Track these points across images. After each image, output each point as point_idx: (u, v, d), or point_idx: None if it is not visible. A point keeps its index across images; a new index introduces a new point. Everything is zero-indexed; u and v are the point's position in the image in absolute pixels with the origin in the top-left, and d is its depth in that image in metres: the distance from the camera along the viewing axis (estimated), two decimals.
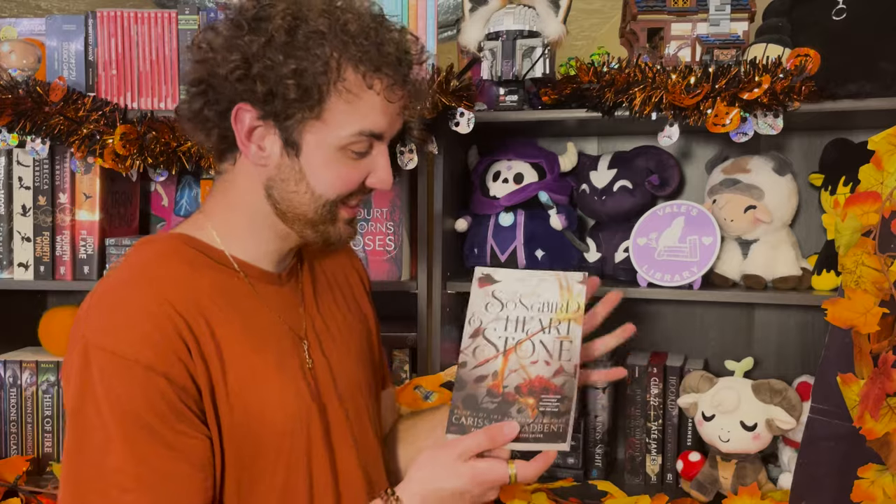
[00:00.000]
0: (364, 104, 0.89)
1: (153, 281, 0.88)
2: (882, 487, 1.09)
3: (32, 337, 1.68)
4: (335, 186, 0.91)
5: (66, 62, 1.58)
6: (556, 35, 1.44)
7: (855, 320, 1.10)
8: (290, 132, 0.88)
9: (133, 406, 0.82)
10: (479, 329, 0.95)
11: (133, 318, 0.84)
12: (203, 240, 0.95)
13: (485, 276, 0.99)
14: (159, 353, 0.83)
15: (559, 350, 0.94)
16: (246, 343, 0.92)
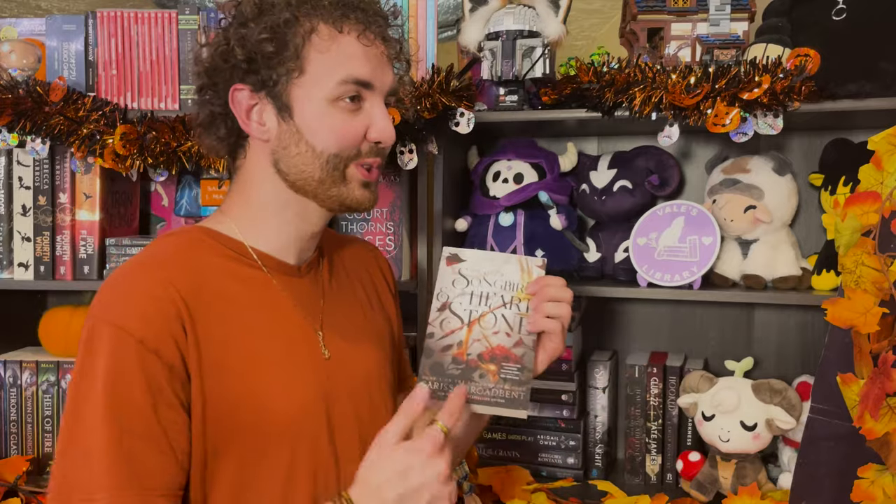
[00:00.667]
0: (341, 50, 0.92)
1: (162, 265, 0.92)
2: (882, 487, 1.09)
3: (32, 337, 1.68)
4: (333, 139, 0.93)
5: (66, 62, 1.58)
6: (556, 35, 1.44)
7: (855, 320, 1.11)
8: (280, 97, 0.93)
9: (123, 376, 0.85)
10: (446, 303, 1.03)
11: (135, 296, 0.88)
12: (223, 232, 0.99)
13: (452, 256, 1.06)
14: (153, 331, 0.86)
15: (519, 324, 1.02)
16: (256, 331, 0.94)
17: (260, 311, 0.96)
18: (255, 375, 0.93)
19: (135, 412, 0.85)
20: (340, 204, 0.97)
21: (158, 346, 0.86)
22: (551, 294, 1.01)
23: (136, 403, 0.85)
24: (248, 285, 0.97)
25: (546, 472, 1.60)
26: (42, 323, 1.67)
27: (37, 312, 1.70)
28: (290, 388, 0.95)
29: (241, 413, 0.91)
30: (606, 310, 1.76)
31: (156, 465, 0.86)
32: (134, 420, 0.85)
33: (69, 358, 1.63)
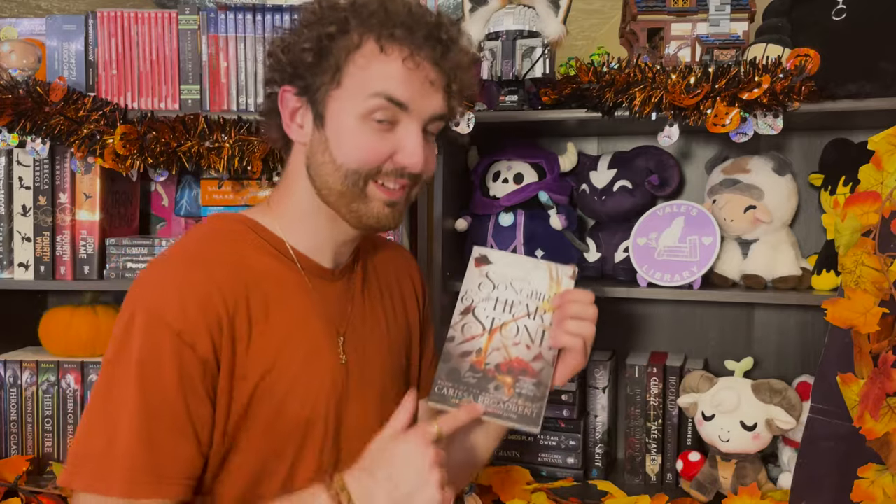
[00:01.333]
0: (380, 69, 0.91)
1: (206, 259, 0.94)
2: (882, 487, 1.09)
3: (32, 337, 1.68)
4: (354, 156, 0.93)
5: (66, 62, 1.58)
6: (556, 35, 1.44)
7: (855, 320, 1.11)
8: (318, 105, 0.94)
9: (158, 365, 0.87)
10: (470, 307, 1.02)
11: (178, 288, 0.90)
12: (267, 227, 1.00)
13: (481, 257, 1.04)
14: (191, 325, 0.88)
15: (541, 337, 1.00)
16: (284, 331, 0.95)
17: (291, 312, 0.97)
18: (274, 372, 0.94)
19: (165, 401, 0.87)
20: (359, 220, 0.97)
21: (195, 339, 0.88)
22: (575, 311, 0.99)
23: (167, 392, 0.87)
24: (285, 285, 0.98)
25: (546, 472, 1.60)
26: (42, 323, 1.67)
27: (37, 312, 1.70)
28: (308, 390, 0.96)
29: (258, 407, 0.93)
30: (606, 310, 1.74)
31: (177, 455, 0.87)
32: (163, 408, 0.86)
33: (69, 358, 1.63)
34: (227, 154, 1.45)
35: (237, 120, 1.47)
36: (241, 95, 1.58)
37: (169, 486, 0.87)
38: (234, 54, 1.57)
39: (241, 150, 1.46)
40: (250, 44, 1.57)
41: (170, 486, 0.87)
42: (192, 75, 1.58)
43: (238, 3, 1.56)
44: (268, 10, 1.57)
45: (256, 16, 1.57)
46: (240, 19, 1.57)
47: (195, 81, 1.58)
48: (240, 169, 1.46)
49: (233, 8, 1.56)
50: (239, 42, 1.57)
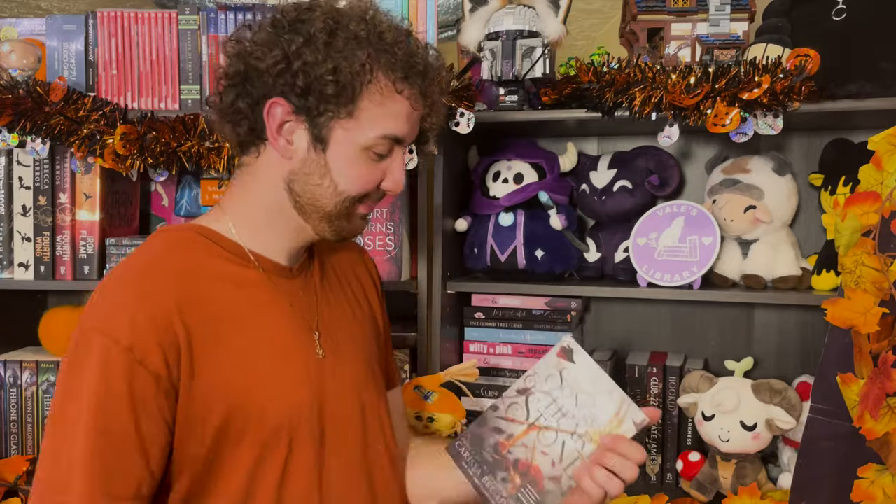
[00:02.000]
0: (392, 108, 0.94)
1: (153, 270, 0.93)
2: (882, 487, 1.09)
3: (32, 337, 1.68)
4: (357, 184, 0.95)
5: (66, 62, 1.58)
6: (556, 35, 1.44)
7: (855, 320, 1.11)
8: (320, 128, 0.93)
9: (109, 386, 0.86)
10: (528, 390, 0.98)
11: (125, 303, 0.88)
12: (220, 231, 0.99)
13: (566, 350, 0.98)
14: (141, 340, 0.86)
15: (570, 462, 0.95)
16: (251, 332, 0.95)
17: (255, 312, 0.97)
18: (250, 375, 0.93)
19: (116, 422, 0.86)
20: (338, 234, 1.00)
21: (145, 355, 0.86)
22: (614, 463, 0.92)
23: (119, 414, 0.86)
24: (243, 286, 0.97)
25: None
26: (42, 323, 1.67)
27: (37, 312, 1.70)
28: (285, 387, 0.96)
29: (236, 415, 0.92)
30: (606, 310, 1.76)
31: (129, 475, 0.87)
32: (114, 430, 0.86)
33: None
34: (227, 154, 1.45)
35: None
36: None
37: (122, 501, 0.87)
38: None
39: None
40: None
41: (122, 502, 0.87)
42: (192, 75, 1.58)
43: (238, 3, 1.56)
44: (268, 10, 1.56)
45: (256, 16, 1.57)
46: (240, 19, 1.57)
47: (195, 81, 1.58)
48: None
49: (233, 8, 1.56)
50: None
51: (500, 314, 1.65)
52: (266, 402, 0.94)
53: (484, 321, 1.66)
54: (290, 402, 0.96)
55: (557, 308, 1.62)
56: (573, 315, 1.61)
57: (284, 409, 0.95)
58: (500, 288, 1.60)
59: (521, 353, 1.64)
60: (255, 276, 0.98)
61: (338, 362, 1.03)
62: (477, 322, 1.67)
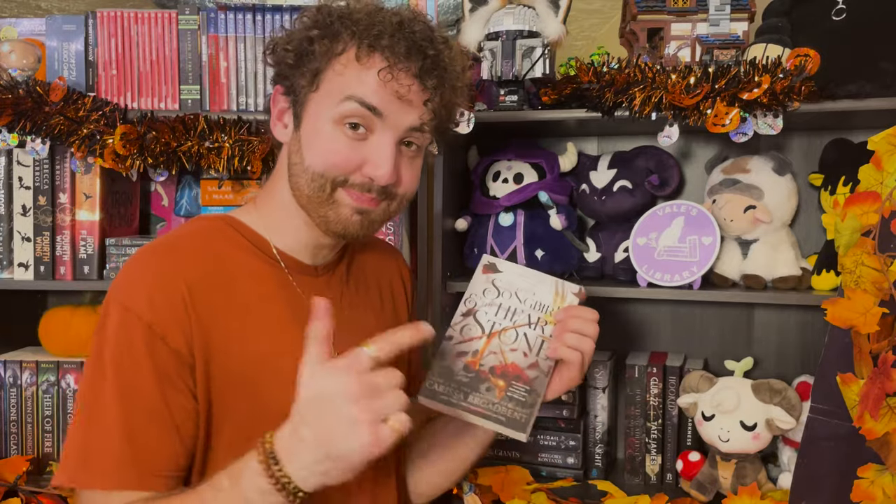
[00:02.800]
0: (356, 75, 0.92)
1: (174, 251, 0.95)
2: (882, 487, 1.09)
3: (32, 337, 1.68)
4: (321, 159, 0.93)
5: (66, 62, 1.58)
6: (556, 35, 1.44)
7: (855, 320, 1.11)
8: (298, 106, 0.95)
9: (132, 358, 0.88)
10: (472, 310, 1.02)
11: (145, 281, 0.91)
12: (248, 225, 1.01)
13: (490, 265, 1.05)
14: (160, 317, 0.88)
15: (539, 347, 1.00)
16: (264, 325, 0.96)
17: (271, 306, 0.97)
18: (256, 366, 0.94)
19: (142, 393, 0.87)
20: (327, 226, 0.96)
21: (165, 332, 0.88)
22: (576, 326, 0.99)
23: (143, 385, 0.87)
24: (262, 280, 0.98)
25: (546, 472, 1.60)
26: (42, 323, 1.67)
27: (37, 312, 1.70)
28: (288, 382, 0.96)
29: (237, 400, 0.93)
30: (606, 310, 1.75)
31: (159, 447, 0.88)
32: (141, 401, 0.87)
33: (69, 358, 1.63)
34: (227, 154, 1.45)
35: (237, 120, 1.47)
36: (240, 95, 1.58)
37: (153, 478, 0.87)
38: (233, 54, 1.57)
39: (241, 150, 1.46)
40: (250, 44, 1.57)
41: (154, 478, 0.87)
42: (192, 75, 1.58)
43: (238, 3, 1.56)
44: (268, 10, 1.57)
45: (256, 16, 1.57)
46: (240, 19, 1.57)
47: (195, 81, 1.58)
48: (240, 169, 1.46)
49: (233, 8, 1.56)
50: (239, 42, 1.57)
51: None
52: (267, 393, 0.94)
53: None
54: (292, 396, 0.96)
55: None
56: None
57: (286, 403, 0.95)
58: None
59: None
60: (275, 272, 0.99)
61: None
62: None
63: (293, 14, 1.55)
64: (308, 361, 0.80)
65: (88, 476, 0.87)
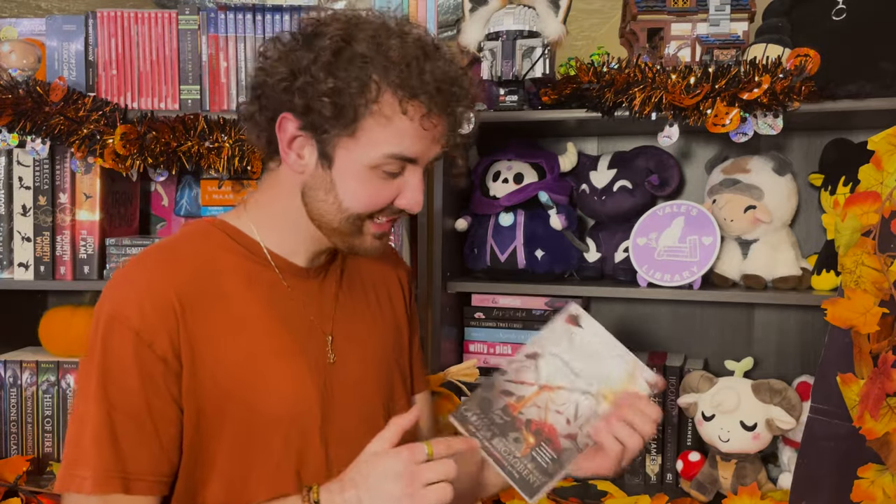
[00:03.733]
0: (397, 128, 0.90)
1: (164, 257, 0.96)
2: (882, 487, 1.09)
3: (32, 337, 1.68)
4: (361, 202, 0.94)
5: (66, 62, 1.58)
6: (556, 35, 1.44)
7: (855, 320, 1.11)
8: (325, 145, 0.92)
9: (119, 364, 0.89)
10: (536, 354, 0.97)
11: (134, 288, 0.92)
12: (240, 228, 1.00)
13: (574, 317, 0.99)
14: (148, 324, 0.89)
15: (586, 419, 0.94)
16: (256, 327, 0.96)
17: (263, 309, 0.97)
18: (248, 370, 0.94)
19: (127, 400, 0.89)
20: (350, 249, 0.99)
21: (153, 339, 0.89)
22: (633, 418, 0.93)
23: (128, 391, 0.89)
24: (254, 282, 0.98)
25: None
26: (42, 323, 1.67)
27: (37, 312, 1.70)
28: (283, 385, 0.96)
29: (230, 405, 0.93)
30: (606, 310, 1.76)
31: (141, 452, 0.89)
32: (125, 407, 0.89)
33: (69, 358, 1.63)
34: (227, 154, 1.45)
35: (237, 120, 1.47)
36: (240, 95, 1.58)
37: (137, 482, 0.89)
38: (233, 54, 1.57)
39: (241, 150, 1.46)
40: (250, 44, 1.57)
41: (138, 482, 0.89)
42: (192, 75, 1.58)
43: (238, 3, 1.56)
44: (268, 10, 1.57)
45: (256, 16, 1.57)
46: (240, 19, 1.57)
47: (195, 81, 1.58)
48: (239, 169, 1.46)
49: (233, 8, 1.56)
50: (239, 42, 1.57)
51: (500, 314, 1.65)
52: (261, 397, 0.94)
53: (484, 321, 1.66)
54: (287, 399, 0.96)
55: (557, 308, 1.59)
56: None
57: (281, 406, 0.95)
58: (500, 288, 1.60)
59: None
60: (268, 274, 0.99)
61: (349, 369, 1.03)
62: (477, 322, 1.67)
63: (293, 14, 1.55)
64: (380, 439, 0.89)
65: (72, 481, 0.89)
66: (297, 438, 0.97)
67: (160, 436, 0.90)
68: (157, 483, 0.91)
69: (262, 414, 0.94)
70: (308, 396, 0.98)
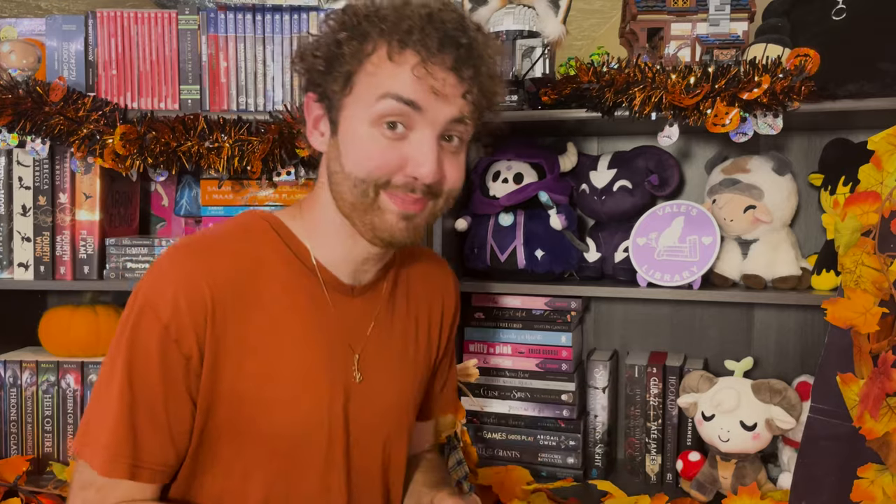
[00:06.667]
0: (389, 73, 0.88)
1: (208, 251, 0.94)
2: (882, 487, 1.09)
3: (32, 337, 1.68)
4: (362, 164, 0.90)
5: (66, 62, 1.58)
6: (556, 35, 1.44)
7: (855, 320, 1.11)
8: (333, 112, 0.92)
9: (145, 353, 0.89)
10: None
11: (173, 280, 0.90)
12: (293, 231, 0.99)
13: None
14: (178, 320, 0.89)
15: None
16: (285, 339, 0.94)
17: (297, 320, 0.95)
18: (269, 380, 0.93)
19: (147, 390, 0.89)
20: (373, 233, 0.93)
21: (180, 335, 0.89)
22: None
23: (150, 382, 0.89)
24: (295, 291, 0.96)
25: (546, 472, 1.60)
26: (42, 323, 1.66)
27: (37, 312, 1.70)
28: (301, 400, 0.95)
29: (242, 414, 0.93)
30: (606, 310, 1.76)
31: (153, 443, 0.90)
32: (145, 397, 0.89)
33: (69, 358, 1.63)
34: (227, 154, 1.45)
35: (237, 120, 1.47)
36: (240, 95, 1.58)
37: (143, 470, 0.90)
38: (233, 54, 1.57)
39: (241, 150, 1.45)
40: (250, 44, 1.57)
41: (144, 470, 0.90)
42: (191, 75, 1.58)
43: (238, 3, 1.56)
44: (267, 10, 1.57)
45: (256, 16, 1.57)
46: (240, 19, 1.57)
47: (195, 81, 1.58)
48: (239, 169, 1.46)
49: (233, 8, 1.56)
50: (239, 42, 1.57)
51: (500, 314, 1.65)
52: (272, 412, 0.93)
53: (484, 321, 1.66)
54: (302, 415, 0.95)
55: (557, 308, 1.62)
56: (573, 315, 1.61)
57: (290, 425, 0.95)
58: (500, 288, 1.60)
59: (521, 353, 1.64)
60: (310, 284, 0.97)
61: (376, 389, 1.02)
62: (477, 322, 1.67)
63: (293, 14, 1.55)
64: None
65: (83, 449, 0.90)
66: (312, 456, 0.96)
67: (171, 428, 0.91)
68: (161, 472, 0.92)
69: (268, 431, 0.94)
70: (318, 420, 0.96)
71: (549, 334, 1.62)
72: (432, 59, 0.87)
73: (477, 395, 1.63)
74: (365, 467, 1.00)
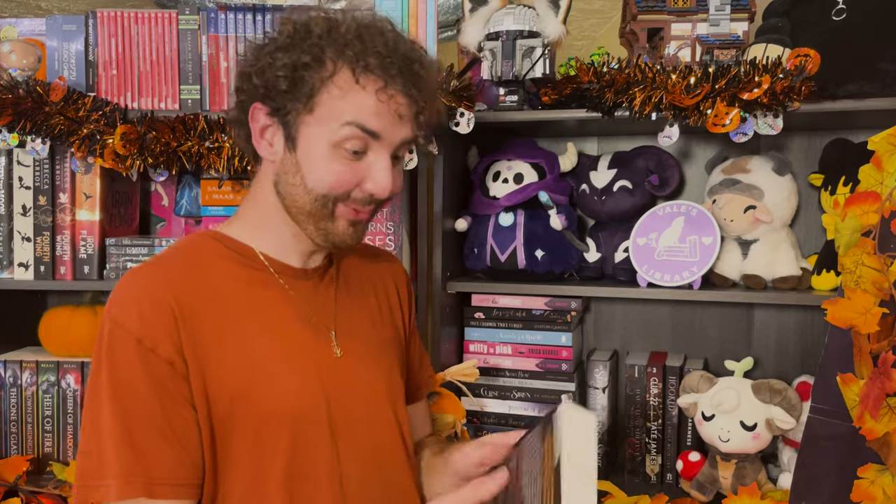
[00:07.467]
0: (353, 100, 0.92)
1: (161, 266, 0.98)
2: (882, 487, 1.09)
3: (32, 337, 1.68)
4: (325, 182, 0.94)
5: (66, 62, 1.58)
6: (556, 35, 1.44)
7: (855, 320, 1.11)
8: (290, 127, 0.94)
9: (127, 371, 0.89)
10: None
11: (133, 296, 0.93)
12: (232, 236, 1.02)
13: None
14: (149, 330, 0.90)
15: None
16: (258, 328, 0.97)
17: (264, 309, 0.98)
18: (253, 369, 0.95)
19: (139, 405, 0.89)
20: (325, 238, 0.98)
21: (155, 343, 0.90)
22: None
23: (140, 397, 0.89)
24: (251, 285, 0.99)
25: None
26: (42, 323, 1.67)
27: (37, 312, 1.70)
28: (288, 383, 0.97)
29: (238, 406, 0.94)
30: (606, 310, 1.76)
31: (162, 455, 0.89)
32: (139, 412, 0.89)
33: (69, 358, 1.63)
34: (227, 154, 1.45)
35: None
36: None
37: (161, 486, 0.88)
38: (234, 54, 1.57)
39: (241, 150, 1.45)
40: None
41: (161, 486, 0.88)
42: (192, 75, 1.58)
43: (238, 3, 1.56)
44: (268, 10, 1.57)
45: (256, 16, 1.57)
46: (240, 19, 1.57)
47: (195, 81, 1.58)
48: (239, 169, 1.46)
49: (233, 8, 1.56)
50: (239, 42, 1.57)
51: (500, 314, 1.65)
52: (267, 396, 0.95)
53: (484, 321, 1.66)
54: (293, 395, 0.97)
55: (557, 308, 1.62)
56: (573, 315, 1.61)
57: (287, 401, 0.96)
58: (500, 288, 1.60)
59: (521, 353, 1.64)
60: (265, 277, 1.01)
61: (354, 364, 1.04)
62: (477, 322, 1.67)
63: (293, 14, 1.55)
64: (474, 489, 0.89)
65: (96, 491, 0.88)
66: (306, 434, 0.97)
67: (179, 437, 0.90)
68: (183, 487, 0.90)
69: (269, 412, 0.95)
70: (314, 392, 0.98)
71: (549, 334, 1.62)
72: (393, 83, 0.92)
73: (477, 395, 1.63)
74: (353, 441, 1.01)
